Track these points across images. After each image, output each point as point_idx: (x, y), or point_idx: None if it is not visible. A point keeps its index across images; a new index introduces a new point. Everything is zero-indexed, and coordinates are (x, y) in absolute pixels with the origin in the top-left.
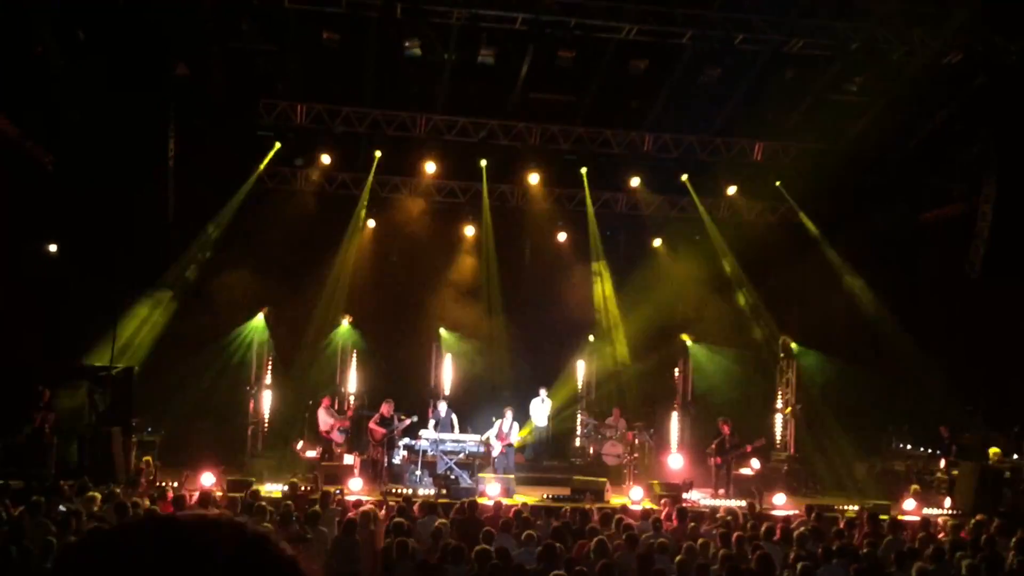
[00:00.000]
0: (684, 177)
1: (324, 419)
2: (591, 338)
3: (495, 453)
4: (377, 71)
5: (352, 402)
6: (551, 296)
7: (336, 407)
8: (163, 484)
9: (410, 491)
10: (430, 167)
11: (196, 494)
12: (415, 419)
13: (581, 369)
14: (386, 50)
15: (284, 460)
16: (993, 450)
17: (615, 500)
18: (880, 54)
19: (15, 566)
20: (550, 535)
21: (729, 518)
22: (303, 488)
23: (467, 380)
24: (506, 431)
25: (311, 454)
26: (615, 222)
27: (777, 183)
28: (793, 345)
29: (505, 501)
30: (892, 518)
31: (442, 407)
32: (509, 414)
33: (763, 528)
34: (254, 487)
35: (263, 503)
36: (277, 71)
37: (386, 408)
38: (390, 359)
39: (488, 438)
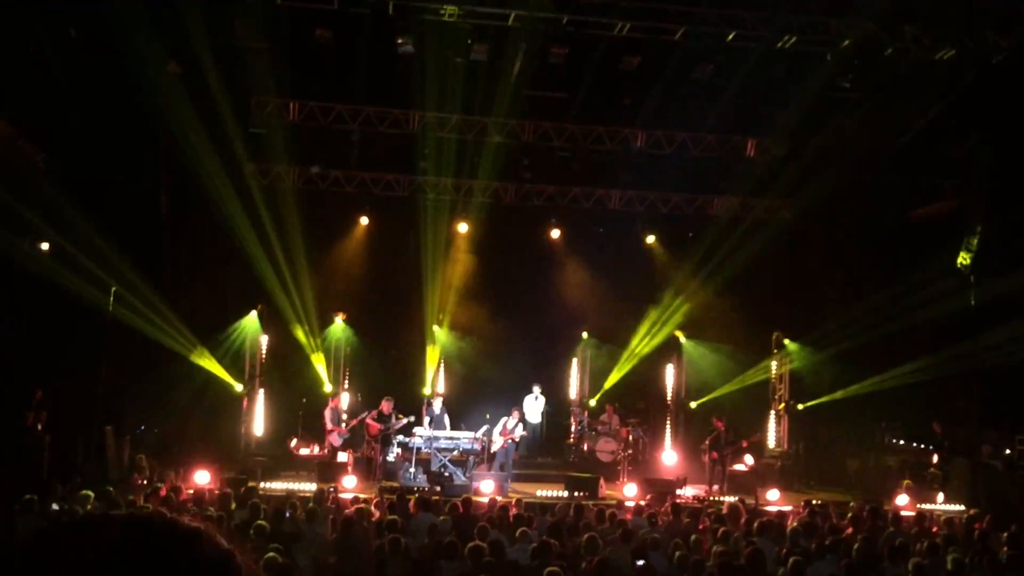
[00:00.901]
0: (677, 174)
1: (329, 419)
2: (584, 335)
3: (495, 447)
4: (370, 68)
5: (350, 408)
6: (545, 293)
7: (338, 413)
8: (157, 482)
9: (404, 488)
10: (423, 164)
11: (191, 491)
12: (412, 420)
13: (575, 366)
14: (379, 47)
15: (278, 458)
16: (985, 445)
17: (609, 496)
18: (872, 50)
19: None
20: (544, 532)
21: (724, 513)
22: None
23: (461, 378)
24: (510, 428)
25: (305, 452)
26: (608, 219)
27: (769, 179)
28: (786, 341)
29: (499, 498)
30: (893, 512)
31: (436, 405)
32: (516, 414)
33: (756, 524)
34: (250, 484)
35: (257, 500)
36: (269, 68)
37: (386, 405)
38: (384, 357)
39: (491, 433)
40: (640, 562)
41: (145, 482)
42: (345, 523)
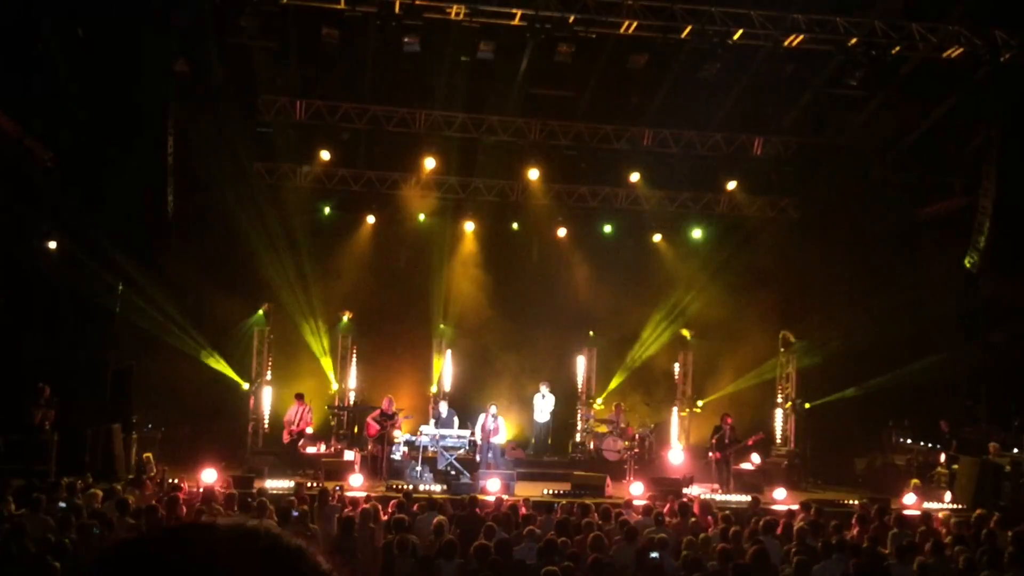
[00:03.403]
0: (683, 172)
1: (290, 413)
2: (591, 333)
3: (480, 452)
4: (376, 67)
5: (356, 406)
6: (551, 292)
7: (301, 415)
8: (170, 481)
9: (411, 487)
10: (430, 163)
11: (199, 491)
12: (401, 410)
13: (581, 364)
14: (385, 46)
15: (285, 456)
16: (993, 444)
17: (615, 496)
18: (879, 48)
19: (15, 563)
20: (551, 531)
21: (728, 512)
22: (310, 485)
23: (467, 376)
24: (490, 428)
25: (312, 450)
26: (614, 217)
27: (777, 178)
28: (793, 339)
29: (505, 497)
30: (895, 512)
31: (443, 407)
32: (493, 409)
33: (763, 523)
34: (256, 482)
35: (264, 499)
36: (276, 67)
37: (386, 404)
38: (390, 355)
39: (475, 436)
40: (654, 554)
41: (159, 480)
42: (344, 523)
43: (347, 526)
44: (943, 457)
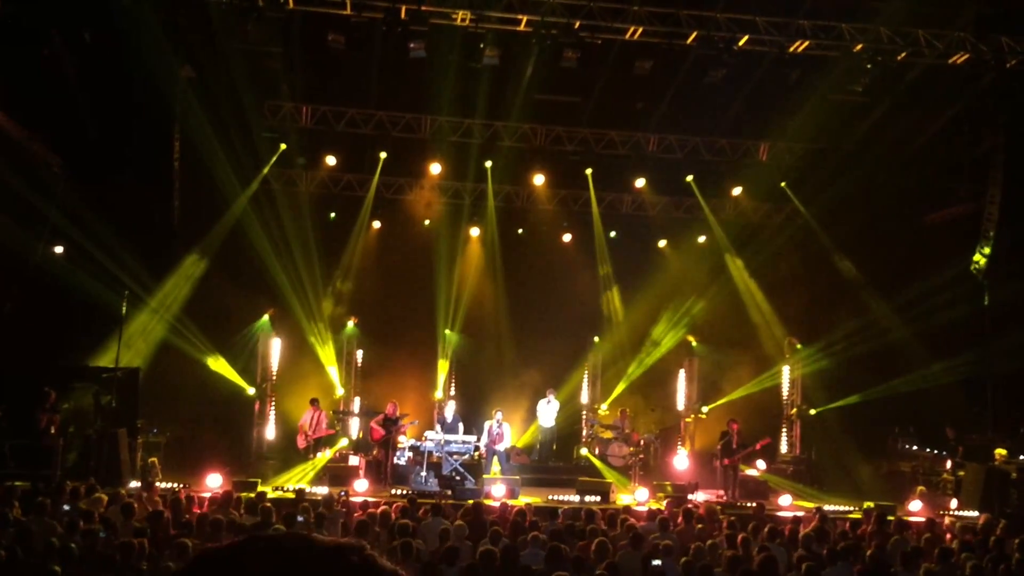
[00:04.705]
0: (689, 178)
1: (305, 419)
2: (596, 339)
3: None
4: (382, 73)
5: (362, 411)
6: (556, 297)
7: (316, 421)
8: (175, 486)
9: (415, 492)
10: (435, 168)
11: (207, 496)
12: (406, 415)
13: (587, 370)
14: (391, 52)
15: (289, 461)
16: (999, 451)
17: (620, 501)
18: (885, 55)
19: (20, 567)
20: (556, 536)
21: (733, 518)
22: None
23: (472, 382)
24: (495, 432)
25: (317, 455)
26: (620, 223)
27: (782, 184)
28: (799, 346)
29: (510, 502)
30: (898, 519)
31: (449, 411)
32: (498, 415)
33: (768, 529)
34: (261, 487)
35: (268, 504)
36: (282, 73)
37: (391, 409)
38: (395, 360)
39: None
40: (656, 562)
41: (160, 485)
42: (356, 528)
43: (361, 530)
44: (949, 463)
